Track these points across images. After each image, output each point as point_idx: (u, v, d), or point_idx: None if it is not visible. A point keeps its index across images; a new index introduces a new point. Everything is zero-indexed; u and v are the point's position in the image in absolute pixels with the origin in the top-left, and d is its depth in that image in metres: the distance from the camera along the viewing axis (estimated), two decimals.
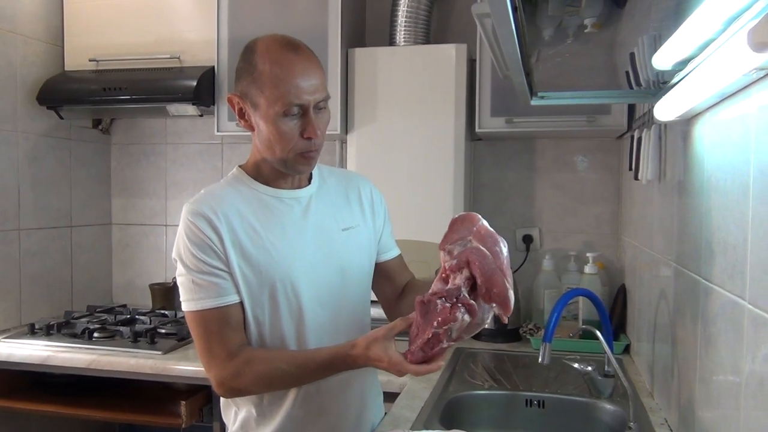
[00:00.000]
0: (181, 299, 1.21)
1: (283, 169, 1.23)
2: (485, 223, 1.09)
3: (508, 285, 1.01)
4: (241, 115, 1.22)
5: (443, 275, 1.07)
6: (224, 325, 1.18)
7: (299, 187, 1.29)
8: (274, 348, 1.23)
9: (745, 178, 0.90)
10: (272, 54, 1.16)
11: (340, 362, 1.13)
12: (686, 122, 1.28)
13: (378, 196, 1.41)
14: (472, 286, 1.03)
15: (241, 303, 1.21)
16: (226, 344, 1.18)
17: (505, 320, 1.04)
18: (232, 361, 1.17)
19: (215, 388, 1.21)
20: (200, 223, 1.17)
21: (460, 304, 1.01)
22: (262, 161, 1.25)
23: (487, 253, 1.03)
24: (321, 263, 1.25)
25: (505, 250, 1.05)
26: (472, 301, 1.01)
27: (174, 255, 1.22)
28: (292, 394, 1.24)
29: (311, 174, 1.33)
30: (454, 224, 1.10)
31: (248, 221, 1.21)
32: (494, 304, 1.02)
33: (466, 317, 1.01)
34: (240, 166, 1.30)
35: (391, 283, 1.41)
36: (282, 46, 1.17)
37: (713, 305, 1.06)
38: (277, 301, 1.21)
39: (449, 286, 1.03)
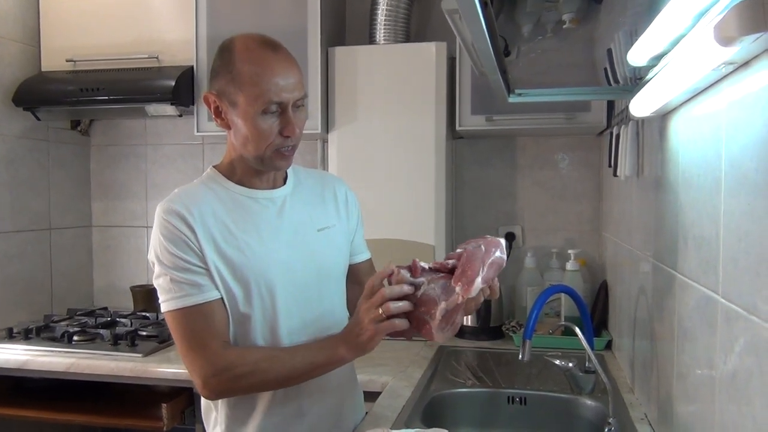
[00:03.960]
0: (159, 301, 1.18)
1: (260, 166, 1.22)
2: (503, 244, 1.13)
3: (480, 275, 1.06)
4: (218, 113, 1.21)
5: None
6: (207, 324, 1.15)
7: (274, 187, 1.28)
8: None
9: (717, 173, 0.91)
10: (251, 53, 1.16)
11: (326, 344, 1.16)
12: (662, 118, 1.28)
13: (352, 198, 1.40)
14: (451, 272, 1.10)
15: (223, 300, 1.17)
16: (210, 343, 1.14)
17: (459, 300, 1.05)
18: (217, 358, 1.13)
19: (200, 390, 1.17)
20: (174, 220, 1.16)
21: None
22: (238, 160, 1.24)
23: (482, 248, 1.10)
24: (297, 264, 1.24)
25: (497, 253, 1.10)
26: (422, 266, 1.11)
27: (150, 257, 1.20)
28: (269, 394, 1.23)
29: (286, 174, 1.32)
30: (482, 239, 1.15)
31: (222, 221, 1.19)
32: (459, 285, 1.06)
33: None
34: (214, 166, 1.28)
35: (360, 288, 1.40)
36: (260, 44, 1.17)
37: (688, 300, 1.06)
38: (252, 302, 1.19)
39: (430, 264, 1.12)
